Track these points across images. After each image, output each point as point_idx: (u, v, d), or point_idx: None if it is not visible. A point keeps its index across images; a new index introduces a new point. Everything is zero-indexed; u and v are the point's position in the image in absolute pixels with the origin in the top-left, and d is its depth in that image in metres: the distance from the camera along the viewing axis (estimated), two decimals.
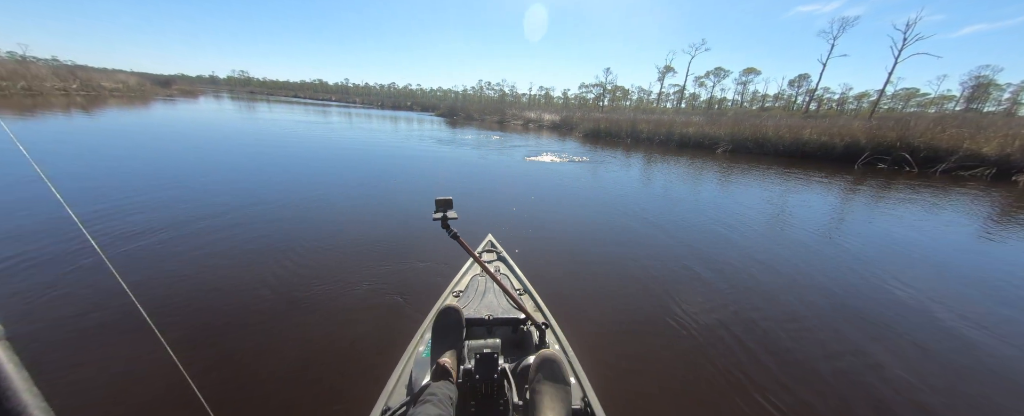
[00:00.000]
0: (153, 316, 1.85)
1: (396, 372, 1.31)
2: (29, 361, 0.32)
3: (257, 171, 6.24)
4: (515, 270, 2.08)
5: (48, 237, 3.09)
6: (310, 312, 2.33)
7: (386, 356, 1.86)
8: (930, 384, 2.04)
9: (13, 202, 3.83)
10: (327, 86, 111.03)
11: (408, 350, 1.43)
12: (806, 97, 46.24)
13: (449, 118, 30.31)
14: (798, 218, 5.30)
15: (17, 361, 0.36)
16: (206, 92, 47.89)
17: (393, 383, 1.27)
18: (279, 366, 1.86)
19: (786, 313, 2.68)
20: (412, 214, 4.42)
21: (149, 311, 1.88)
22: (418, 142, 11.51)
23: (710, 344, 2.23)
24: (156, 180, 5.15)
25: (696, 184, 7.55)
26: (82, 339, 2.02)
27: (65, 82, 19.90)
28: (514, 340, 1.46)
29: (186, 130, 10.75)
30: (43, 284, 2.46)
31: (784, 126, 13.69)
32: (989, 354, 2.35)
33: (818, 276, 3.34)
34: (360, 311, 2.36)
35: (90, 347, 1.97)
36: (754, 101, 60.17)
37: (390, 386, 1.26)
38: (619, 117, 20.33)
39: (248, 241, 3.33)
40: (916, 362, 2.22)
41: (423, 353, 1.31)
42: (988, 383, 2.10)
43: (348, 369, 1.86)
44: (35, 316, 2.17)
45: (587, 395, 1.21)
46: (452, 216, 1.31)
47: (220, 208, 4.14)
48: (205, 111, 18.33)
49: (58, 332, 2.05)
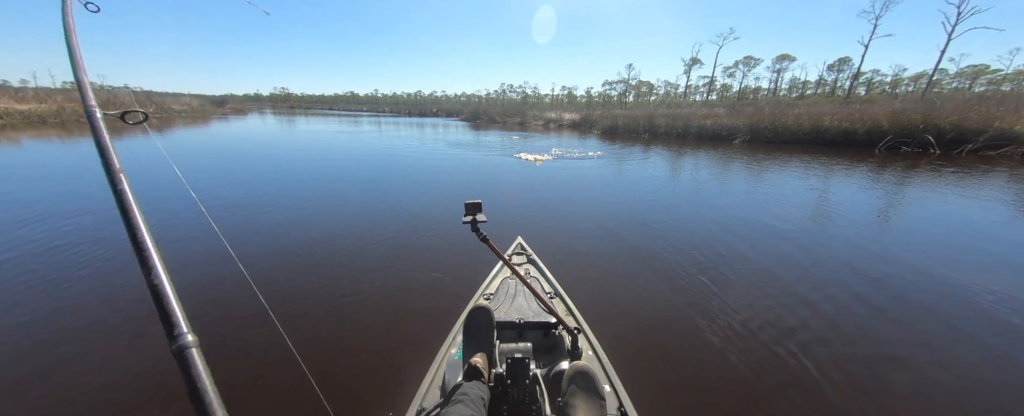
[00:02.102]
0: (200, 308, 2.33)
1: (429, 374, 1.31)
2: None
3: (299, 182, 6.42)
4: (545, 273, 2.03)
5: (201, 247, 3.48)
6: (344, 315, 2.37)
7: (419, 358, 1.88)
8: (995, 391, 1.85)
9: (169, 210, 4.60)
10: (358, 97, 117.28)
11: (440, 352, 1.42)
12: (851, 81, 43.25)
13: (472, 122, 31.54)
14: (826, 208, 5.13)
15: (207, 368, 0.43)
16: (253, 109, 52.40)
17: (427, 384, 1.26)
18: (313, 368, 1.88)
19: (828, 311, 2.52)
20: (440, 217, 4.48)
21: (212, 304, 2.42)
22: (443, 147, 12.15)
23: (751, 349, 2.10)
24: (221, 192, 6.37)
25: (719, 178, 7.36)
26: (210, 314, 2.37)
27: (143, 107, 23.07)
28: (545, 345, 1.44)
29: (246, 145, 12.45)
30: (195, 286, 2.73)
31: (804, 114, 13.50)
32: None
33: (854, 270, 3.16)
34: (393, 314, 2.39)
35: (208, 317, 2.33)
36: (793, 88, 57.08)
37: (424, 387, 1.26)
38: (636, 113, 20.55)
39: (287, 247, 3.46)
40: (979, 367, 2.00)
41: (455, 355, 1.31)
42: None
43: (383, 372, 1.88)
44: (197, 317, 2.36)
45: (624, 405, 1.16)
46: (481, 219, 1.29)
47: (270, 216, 4.38)
48: (257, 127, 20.54)
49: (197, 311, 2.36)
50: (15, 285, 2.67)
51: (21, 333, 2.16)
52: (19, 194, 5.13)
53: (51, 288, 2.65)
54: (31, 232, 3.68)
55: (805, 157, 9.89)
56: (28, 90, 21.31)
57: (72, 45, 0.77)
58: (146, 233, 0.55)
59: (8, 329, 2.19)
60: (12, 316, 2.32)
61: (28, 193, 5.17)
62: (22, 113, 15.35)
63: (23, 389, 1.77)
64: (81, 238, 3.56)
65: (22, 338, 2.12)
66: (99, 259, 3.13)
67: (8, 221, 3.99)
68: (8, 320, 2.28)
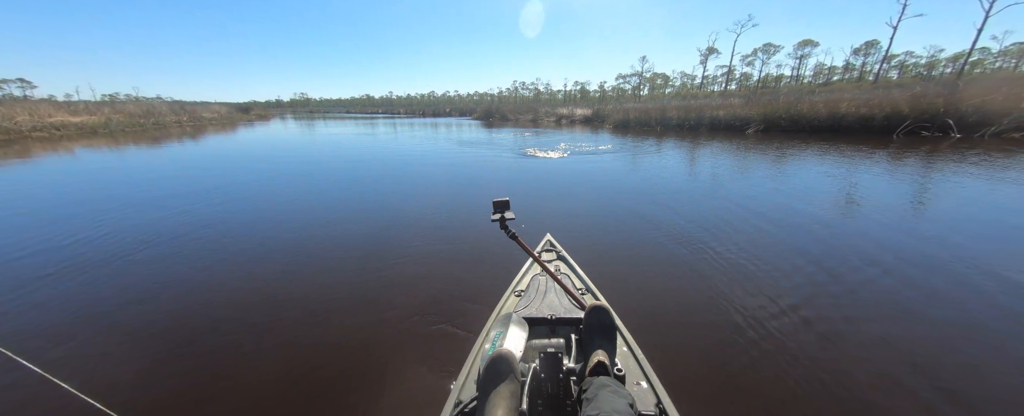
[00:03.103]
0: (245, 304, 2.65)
1: (465, 368, 1.35)
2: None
3: (321, 185, 6.53)
4: (576, 269, 2.05)
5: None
6: (381, 313, 2.46)
7: (455, 353, 1.99)
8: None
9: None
10: (374, 100, 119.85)
11: (475, 348, 1.47)
12: (882, 65, 41.26)
13: (485, 120, 32.01)
14: (851, 196, 5.06)
15: None
16: (275, 115, 54.64)
17: (463, 379, 1.30)
18: (358, 365, 1.99)
19: (873, 303, 2.45)
20: (462, 214, 4.57)
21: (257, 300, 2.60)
22: (457, 147, 12.28)
23: (790, 344, 2.06)
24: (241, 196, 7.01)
25: (736, 169, 7.29)
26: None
27: (178, 116, 24.64)
28: (578, 341, 1.46)
29: (274, 149, 13.29)
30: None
31: (820, 100, 13.29)
32: None
33: (892, 258, 3.07)
34: (429, 311, 2.44)
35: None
36: (819, 75, 55.01)
37: (460, 381, 1.29)
38: (649, 106, 20.51)
39: (328, 248, 3.60)
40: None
41: (489, 351, 1.33)
42: None
43: (422, 368, 1.94)
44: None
45: (662, 402, 1.16)
46: (509, 217, 1.28)
47: (300, 221, 4.43)
48: (281, 132, 21.64)
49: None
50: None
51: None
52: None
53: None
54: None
55: (822, 145, 9.79)
56: (79, 103, 23.14)
57: None
58: None
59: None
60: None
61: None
62: (76, 125, 16.82)
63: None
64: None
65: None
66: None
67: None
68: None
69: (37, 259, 3.33)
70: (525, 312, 1.53)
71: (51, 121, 15.91)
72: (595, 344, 1.24)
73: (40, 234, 3.95)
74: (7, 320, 2.45)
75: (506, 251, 3.26)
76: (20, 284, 2.88)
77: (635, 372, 1.28)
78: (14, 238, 3.85)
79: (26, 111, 15.69)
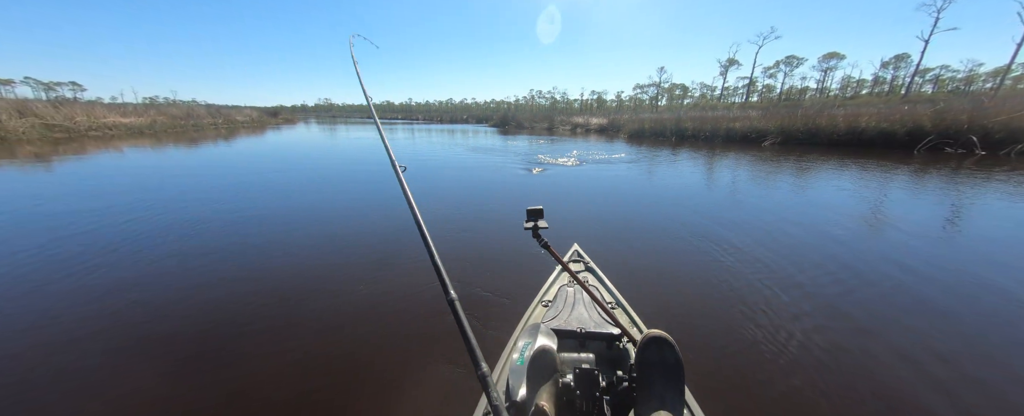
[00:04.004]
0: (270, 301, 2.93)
1: (493, 377, 1.34)
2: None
3: (340, 186, 6.81)
4: (605, 281, 2.00)
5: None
6: (401, 319, 2.45)
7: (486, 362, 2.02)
8: None
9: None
10: (393, 106, 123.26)
11: (502, 358, 1.44)
12: (913, 78, 39.85)
13: (501, 127, 32.63)
14: (875, 212, 4.94)
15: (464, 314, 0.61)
16: (300, 119, 57.03)
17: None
18: (378, 371, 1.98)
19: (927, 327, 2.33)
20: (487, 220, 4.58)
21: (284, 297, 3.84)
22: (472, 153, 12.56)
23: (836, 369, 1.97)
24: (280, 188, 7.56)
25: (755, 181, 7.22)
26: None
27: (214, 119, 26.25)
28: (609, 357, 1.40)
29: (300, 152, 14.08)
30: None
31: (839, 115, 13.14)
32: None
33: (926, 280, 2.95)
34: (451, 319, 2.78)
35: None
36: (846, 88, 53.56)
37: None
38: (663, 116, 20.58)
39: (344, 250, 3.59)
40: None
41: (517, 361, 1.33)
42: None
43: (444, 377, 1.92)
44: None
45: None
46: (543, 226, 1.27)
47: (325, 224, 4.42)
48: (306, 136, 22.73)
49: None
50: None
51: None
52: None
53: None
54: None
55: (842, 159, 9.67)
56: (128, 106, 25.01)
57: (363, 84, 1.33)
58: (419, 216, 0.93)
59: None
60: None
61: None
62: (126, 125, 18.25)
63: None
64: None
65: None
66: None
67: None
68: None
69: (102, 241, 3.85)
70: (554, 323, 1.51)
71: (104, 121, 17.34)
72: (657, 390, 1.04)
73: (110, 221, 4.51)
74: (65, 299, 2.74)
75: (529, 259, 3.26)
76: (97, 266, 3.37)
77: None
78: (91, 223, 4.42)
79: (84, 112, 17.15)
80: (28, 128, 14.16)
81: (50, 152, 10.98)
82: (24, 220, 4.48)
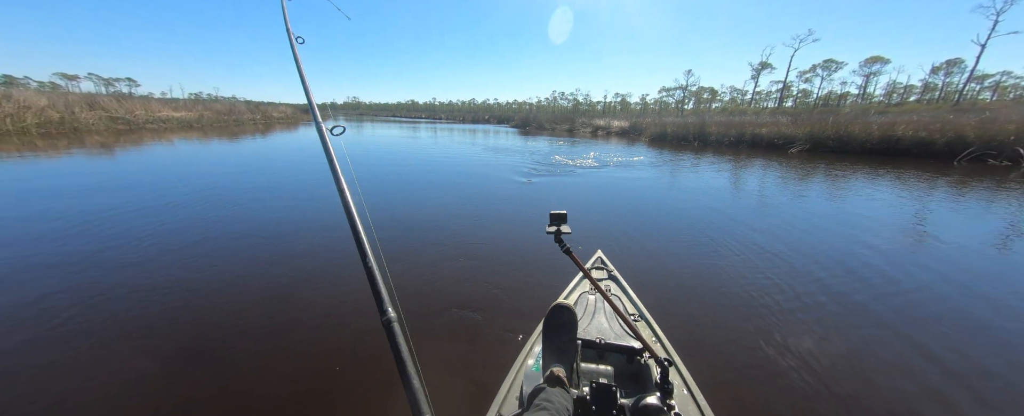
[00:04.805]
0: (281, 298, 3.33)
1: (506, 383, 1.30)
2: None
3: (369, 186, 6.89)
4: (628, 292, 1.93)
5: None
6: (415, 318, 2.36)
7: (494, 367, 1.86)
8: None
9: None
10: (418, 105, 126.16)
11: (517, 362, 1.41)
12: (967, 85, 37.06)
13: (522, 128, 32.92)
14: (915, 226, 4.72)
15: (408, 339, 0.51)
16: (330, 116, 59.25)
17: (504, 393, 1.26)
18: (387, 373, 1.89)
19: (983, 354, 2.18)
20: (505, 223, 4.50)
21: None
22: (493, 154, 12.55)
23: (881, 402, 1.83)
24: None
25: (786, 189, 6.95)
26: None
27: (253, 115, 27.98)
28: (629, 372, 1.36)
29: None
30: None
31: (874, 122, 12.61)
32: None
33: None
34: (466, 319, 2.35)
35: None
36: (891, 94, 50.49)
37: (501, 395, 1.25)
38: (688, 121, 20.27)
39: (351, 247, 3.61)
40: None
41: (533, 367, 1.27)
42: None
43: (458, 379, 1.88)
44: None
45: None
46: (565, 231, 1.26)
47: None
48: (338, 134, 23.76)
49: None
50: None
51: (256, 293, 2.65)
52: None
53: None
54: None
55: (876, 168, 9.30)
56: (179, 101, 27.09)
57: (302, 75, 1.07)
58: (359, 223, 0.75)
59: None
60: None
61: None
62: (177, 119, 19.84)
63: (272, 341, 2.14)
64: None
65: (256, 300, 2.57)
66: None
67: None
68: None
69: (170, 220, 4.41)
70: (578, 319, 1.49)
71: (159, 115, 18.94)
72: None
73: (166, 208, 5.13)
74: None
75: (549, 263, 3.20)
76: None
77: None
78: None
79: (141, 106, 18.81)
80: (97, 120, 15.73)
81: (114, 142, 12.20)
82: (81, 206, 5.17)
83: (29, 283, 2.77)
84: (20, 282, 2.79)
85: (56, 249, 3.38)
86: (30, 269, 2.99)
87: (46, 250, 3.36)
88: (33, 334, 2.21)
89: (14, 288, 2.69)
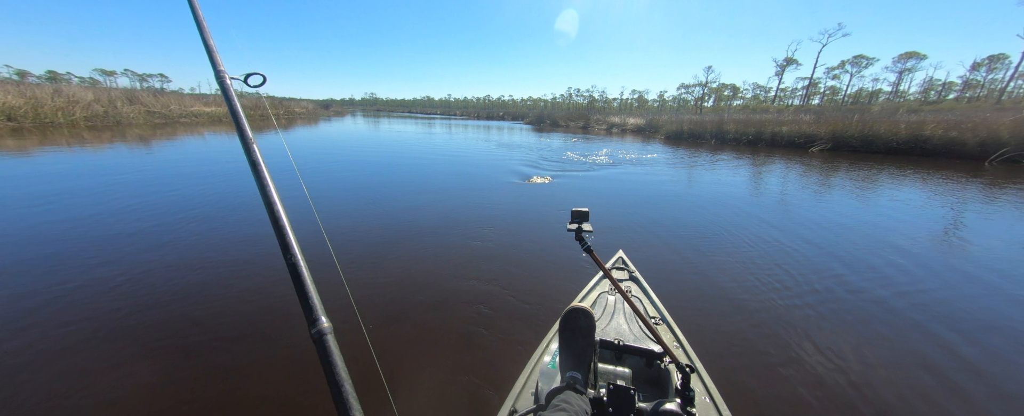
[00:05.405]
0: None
1: (522, 378, 1.30)
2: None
3: (371, 179, 7.02)
4: (649, 294, 1.88)
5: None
6: (428, 317, 2.33)
7: (510, 363, 1.86)
8: None
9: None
10: (433, 101, 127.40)
11: (533, 359, 1.40)
12: (1011, 81, 34.85)
13: (536, 125, 32.99)
14: (952, 229, 4.51)
15: (340, 353, 0.46)
16: (348, 112, 60.99)
17: (519, 388, 1.25)
18: (401, 366, 1.88)
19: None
20: (521, 221, 4.42)
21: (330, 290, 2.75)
22: (506, 150, 12.55)
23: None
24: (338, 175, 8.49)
25: (809, 189, 6.73)
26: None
27: (276, 109, 29.05)
28: (648, 376, 1.34)
29: (348, 144, 15.38)
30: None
31: (901, 121, 12.15)
32: None
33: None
34: (481, 318, 2.31)
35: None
36: (929, 91, 47.97)
37: (516, 391, 1.24)
38: (705, 118, 19.93)
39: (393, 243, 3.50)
40: None
41: (549, 364, 1.27)
42: None
43: (473, 374, 1.84)
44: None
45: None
46: (587, 229, 1.23)
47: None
48: (355, 128, 24.49)
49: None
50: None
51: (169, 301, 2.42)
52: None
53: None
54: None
55: (903, 168, 9.01)
56: (209, 96, 28.40)
57: (199, 20, 0.85)
58: (283, 214, 0.60)
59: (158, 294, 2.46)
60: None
61: None
62: (207, 113, 20.87)
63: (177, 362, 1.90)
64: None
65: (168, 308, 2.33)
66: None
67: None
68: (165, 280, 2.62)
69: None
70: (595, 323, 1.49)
71: (192, 110, 19.96)
72: None
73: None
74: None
75: (566, 260, 3.18)
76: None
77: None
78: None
79: (176, 101, 19.86)
80: (136, 114, 16.75)
81: (153, 135, 13.01)
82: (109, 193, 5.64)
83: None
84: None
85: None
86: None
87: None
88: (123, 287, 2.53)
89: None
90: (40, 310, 2.33)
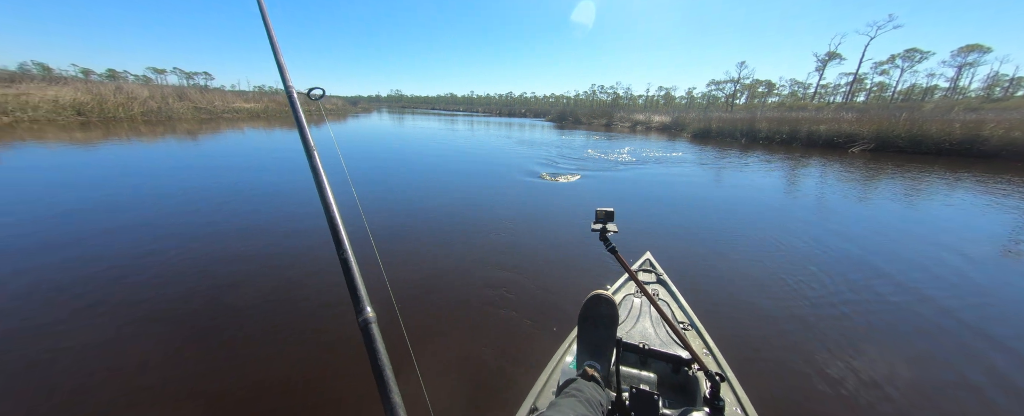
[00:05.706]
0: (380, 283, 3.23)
1: (542, 377, 1.29)
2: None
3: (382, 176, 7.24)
4: (678, 298, 1.83)
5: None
6: (455, 314, 2.35)
7: (531, 363, 1.87)
8: None
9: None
10: (456, 98, 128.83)
11: (554, 358, 1.39)
12: None
13: (558, 122, 32.76)
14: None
15: (383, 341, 0.47)
16: (375, 108, 62.79)
17: (540, 386, 1.25)
18: (422, 360, 1.90)
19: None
20: (542, 219, 4.36)
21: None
22: (527, 148, 12.55)
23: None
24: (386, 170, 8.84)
25: (851, 192, 6.38)
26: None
27: (309, 106, 30.37)
28: (674, 383, 1.30)
29: (370, 140, 15.92)
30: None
31: (956, 120, 11.26)
32: None
33: None
34: (504, 318, 2.32)
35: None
36: (994, 87, 43.86)
37: (537, 389, 1.24)
38: (735, 116, 19.18)
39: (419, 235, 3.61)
40: None
41: (570, 364, 1.26)
42: None
43: (494, 373, 1.85)
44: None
45: None
46: (612, 229, 1.20)
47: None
48: (379, 124, 25.26)
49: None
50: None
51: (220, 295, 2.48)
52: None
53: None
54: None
55: (955, 171, 8.32)
56: (248, 93, 30.12)
57: (274, 44, 0.94)
58: (337, 214, 0.65)
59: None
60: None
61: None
62: (247, 110, 22.18)
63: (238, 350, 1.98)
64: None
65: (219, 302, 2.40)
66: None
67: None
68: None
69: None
70: (619, 313, 1.39)
71: (234, 106, 21.28)
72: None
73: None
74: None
75: (594, 261, 3.15)
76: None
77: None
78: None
79: (219, 98, 21.23)
80: (185, 110, 18.07)
81: (198, 129, 14.00)
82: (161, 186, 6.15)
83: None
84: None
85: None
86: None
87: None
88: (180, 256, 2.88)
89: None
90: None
